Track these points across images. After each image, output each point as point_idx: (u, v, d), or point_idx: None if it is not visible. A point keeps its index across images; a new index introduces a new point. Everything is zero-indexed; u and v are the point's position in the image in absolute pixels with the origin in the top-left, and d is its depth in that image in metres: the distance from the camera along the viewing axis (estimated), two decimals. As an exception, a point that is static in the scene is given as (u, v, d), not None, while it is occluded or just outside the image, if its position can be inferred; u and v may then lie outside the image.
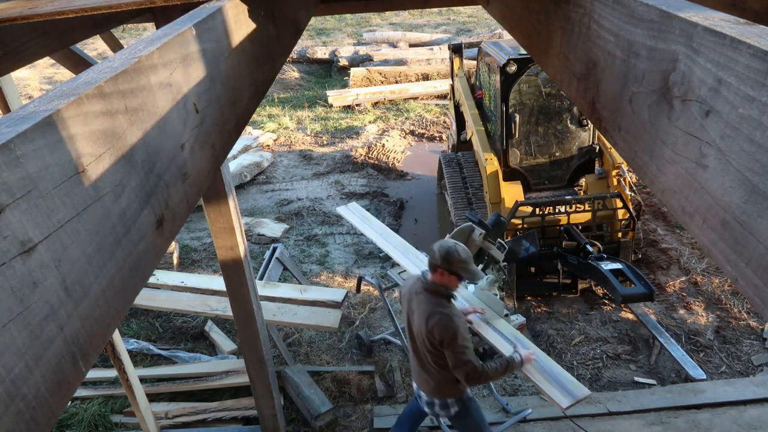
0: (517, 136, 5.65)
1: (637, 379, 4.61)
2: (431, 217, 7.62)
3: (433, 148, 9.75)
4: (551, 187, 6.04)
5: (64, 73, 13.77)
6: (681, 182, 0.87)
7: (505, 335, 3.40)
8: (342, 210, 5.05)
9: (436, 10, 18.62)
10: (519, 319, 3.69)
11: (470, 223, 3.79)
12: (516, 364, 3.04)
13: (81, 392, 4.54)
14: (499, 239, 3.83)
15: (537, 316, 5.37)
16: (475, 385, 3.02)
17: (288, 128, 10.67)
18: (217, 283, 4.62)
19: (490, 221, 3.74)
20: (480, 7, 2.90)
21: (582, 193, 5.92)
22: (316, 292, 4.57)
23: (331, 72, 14.22)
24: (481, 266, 3.87)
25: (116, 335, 3.37)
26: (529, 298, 5.57)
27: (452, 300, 3.01)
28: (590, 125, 5.77)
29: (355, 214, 4.91)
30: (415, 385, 3.33)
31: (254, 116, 8.30)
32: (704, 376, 4.53)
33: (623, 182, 5.58)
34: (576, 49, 1.35)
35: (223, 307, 4.39)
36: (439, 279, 2.91)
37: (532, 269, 5.56)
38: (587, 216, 5.36)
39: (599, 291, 5.57)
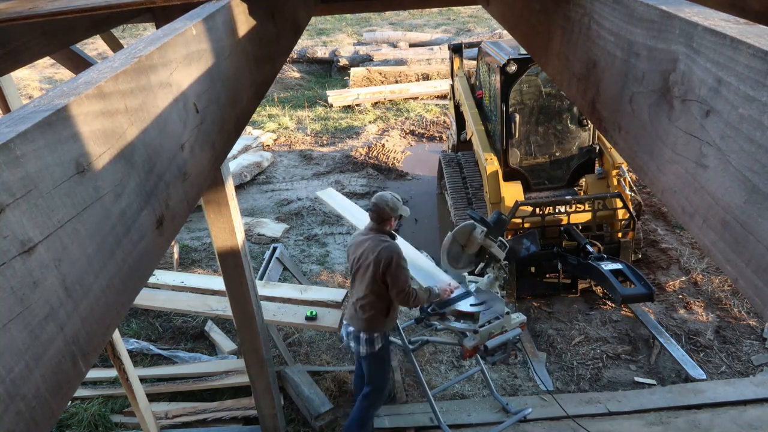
0: (517, 136, 5.64)
1: (637, 379, 4.61)
2: (431, 217, 7.62)
3: (433, 148, 9.75)
4: (551, 187, 6.03)
5: (64, 73, 13.77)
6: (681, 182, 0.87)
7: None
8: (321, 194, 5.21)
9: (436, 10, 18.63)
10: (520, 317, 3.69)
11: (472, 221, 3.80)
12: (434, 293, 3.64)
13: (81, 392, 4.54)
14: (500, 237, 3.84)
15: (537, 316, 5.37)
16: (408, 305, 3.57)
17: (288, 128, 10.67)
18: (217, 283, 4.62)
19: (491, 219, 3.75)
20: (480, 7, 2.90)
21: (582, 193, 5.92)
22: (316, 292, 4.57)
23: (331, 72, 14.22)
24: (482, 265, 3.88)
25: (116, 335, 3.37)
26: (529, 298, 5.57)
27: (395, 238, 3.68)
28: (590, 125, 5.77)
29: (334, 199, 5.06)
30: (345, 322, 3.81)
31: (254, 116, 8.30)
32: (704, 376, 4.53)
33: (623, 182, 5.58)
34: (576, 49, 1.35)
35: (223, 307, 4.39)
36: (386, 226, 3.57)
37: (532, 269, 5.56)
38: (587, 216, 5.36)
39: (599, 291, 5.57)
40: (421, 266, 4.20)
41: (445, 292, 3.72)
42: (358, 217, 4.98)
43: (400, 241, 4.07)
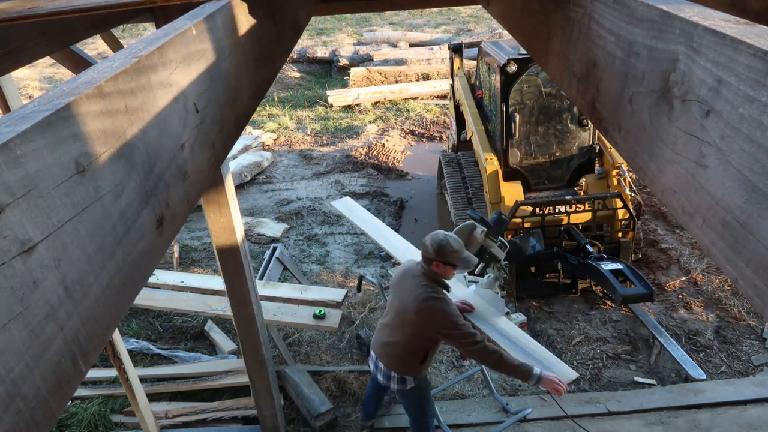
0: (517, 135, 5.65)
1: (637, 379, 4.61)
2: (431, 217, 7.62)
3: (433, 148, 9.75)
4: (551, 187, 6.04)
5: (64, 73, 13.77)
6: (681, 182, 0.87)
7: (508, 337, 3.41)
8: (337, 204, 5.05)
9: (436, 10, 18.63)
10: (520, 317, 3.69)
11: (472, 221, 3.79)
12: (533, 375, 2.96)
13: (81, 392, 4.54)
14: (500, 238, 3.84)
15: (537, 316, 5.37)
16: (484, 360, 3.05)
17: (288, 128, 10.67)
18: (217, 282, 4.62)
19: (492, 219, 3.75)
20: (480, 7, 2.90)
21: (582, 193, 5.92)
22: (316, 292, 4.57)
23: (331, 72, 14.22)
24: (482, 265, 3.87)
25: (116, 335, 3.37)
26: (529, 298, 5.57)
27: (448, 290, 3.15)
28: (590, 125, 5.77)
29: (351, 211, 4.88)
30: (373, 355, 3.42)
31: (254, 116, 8.30)
32: (704, 376, 4.53)
33: (623, 182, 5.58)
34: (576, 49, 1.35)
35: (223, 306, 4.39)
36: (435, 269, 3.06)
37: (532, 269, 5.56)
38: (587, 216, 5.36)
39: (599, 291, 5.57)
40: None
41: (548, 384, 2.97)
42: (384, 234, 4.53)
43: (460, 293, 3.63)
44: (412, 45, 15.04)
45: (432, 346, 3.19)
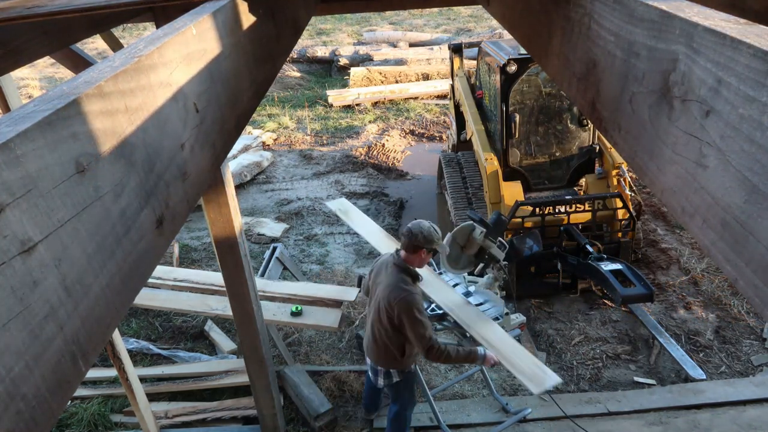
0: (517, 135, 5.65)
1: (637, 379, 4.61)
2: (431, 217, 7.60)
3: (433, 148, 9.74)
4: (551, 187, 6.04)
5: (64, 73, 13.77)
6: (681, 182, 0.87)
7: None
8: (331, 205, 5.04)
9: (436, 10, 18.63)
10: (519, 318, 3.69)
11: (471, 222, 3.79)
12: (478, 356, 3.26)
13: (81, 392, 4.54)
14: (499, 238, 3.83)
15: (537, 316, 5.37)
16: (435, 361, 3.24)
17: (288, 128, 10.67)
18: (218, 278, 4.61)
19: (491, 220, 3.74)
20: (480, 7, 2.90)
21: (582, 193, 5.92)
22: (317, 290, 4.57)
23: (331, 72, 14.22)
24: (481, 265, 3.87)
25: (116, 335, 3.37)
26: (529, 298, 5.57)
27: (418, 279, 3.25)
28: (590, 125, 5.77)
29: (345, 213, 4.86)
30: (365, 350, 3.55)
31: (254, 115, 8.30)
32: (704, 376, 4.53)
33: (623, 182, 5.58)
34: (576, 49, 1.35)
35: (223, 306, 4.39)
36: (415, 259, 3.18)
37: (532, 269, 5.56)
38: (587, 216, 5.36)
39: (599, 291, 5.57)
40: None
41: (489, 362, 3.29)
42: (378, 238, 4.53)
43: (427, 279, 3.74)
44: (412, 45, 15.03)
45: (406, 337, 3.24)
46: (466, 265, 3.87)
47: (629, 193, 5.60)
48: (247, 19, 1.56)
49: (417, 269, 3.25)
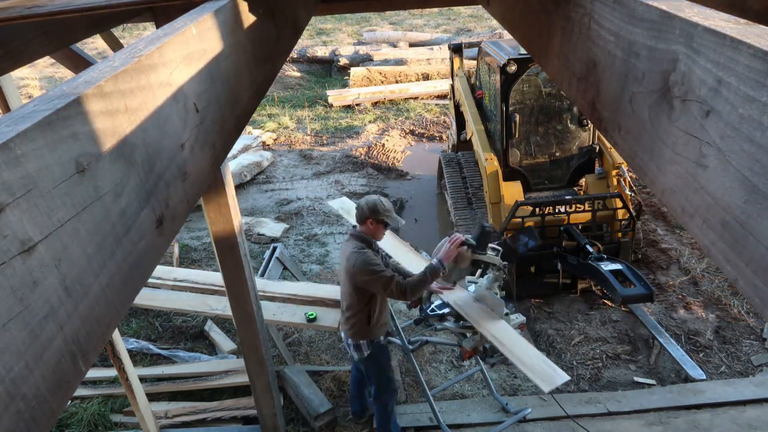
0: (517, 135, 5.65)
1: (636, 379, 4.61)
2: (431, 217, 7.63)
3: (433, 148, 9.75)
4: (551, 187, 6.04)
5: (64, 73, 13.77)
6: (681, 182, 0.87)
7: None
8: (333, 203, 5.04)
9: (436, 10, 18.63)
10: (519, 318, 3.68)
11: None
12: (436, 268, 3.37)
13: (81, 392, 4.54)
14: (491, 244, 3.77)
15: (537, 316, 5.37)
16: (407, 298, 3.40)
17: (288, 128, 10.67)
18: (218, 278, 4.61)
19: (474, 236, 3.66)
20: (480, 7, 2.90)
21: (582, 193, 5.92)
22: (317, 290, 4.57)
23: (331, 71, 14.22)
24: (480, 270, 3.86)
25: (116, 334, 3.37)
26: (529, 298, 5.57)
27: (372, 245, 3.48)
28: (590, 125, 5.77)
29: (348, 212, 4.84)
30: (341, 329, 3.75)
31: (254, 115, 8.30)
32: (704, 376, 4.53)
33: (623, 182, 5.58)
34: (576, 49, 1.35)
35: (222, 306, 4.39)
36: (367, 229, 3.44)
37: (532, 269, 5.56)
38: (587, 216, 5.35)
39: (599, 291, 5.57)
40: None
41: (448, 256, 3.40)
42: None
43: (388, 242, 3.92)
44: (412, 45, 15.04)
45: (369, 302, 3.44)
46: (460, 276, 3.84)
47: (629, 193, 5.60)
48: (247, 19, 1.56)
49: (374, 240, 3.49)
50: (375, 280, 3.30)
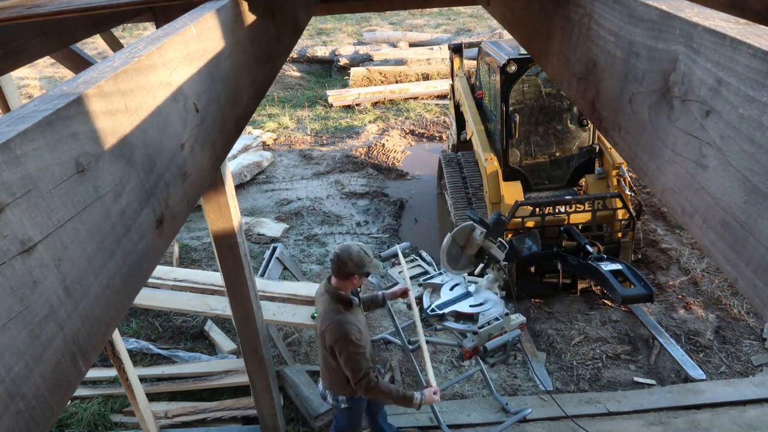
0: (517, 135, 5.65)
1: (636, 379, 4.61)
2: (431, 217, 7.62)
3: (433, 148, 9.75)
4: (551, 187, 6.04)
5: (64, 73, 13.77)
6: (681, 182, 0.87)
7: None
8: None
9: (436, 10, 18.62)
10: (519, 318, 3.69)
11: (471, 222, 3.79)
12: (415, 403, 3.05)
13: (81, 392, 4.54)
14: (499, 238, 3.83)
15: (537, 316, 5.37)
16: (366, 394, 3.05)
17: (288, 128, 10.68)
18: (218, 278, 4.61)
19: (491, 220, 3.74)
20: (480, 7, 2.90)
21: (582, 193, 5.92)
22: (317, 289, 4.56)
23: (331, 72, 14.22)
24: (481, 266, 3.87)
25: (116, 335, 3.37)
26: (529, 298, 5.57)
27: (351, 305, 3.04)
28: (590, 125, 5.77)
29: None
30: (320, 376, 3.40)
31: (254, 115, 8.30)
32: (704, 377, 4.53)
33: (623, 182, 5.58)
34: (576, 49, 1.35)
35: (222, 306, 4.39)
36: (347, 284, 3.02)
37: (532, 269, 5.56)
38: (587, 216, 5.35)
39: (599, 291, 5.57)
40: None
41: (429, 401, 3.12)
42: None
43: None
44: (412, 45, 15.04)
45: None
46: (466, 265, 3.87)
47: (629, 193, 5.60)
48: (247, 19, 1.55)
49: (350, 295, 3.07)
50: (349, 361, 2.94)
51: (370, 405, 3.60)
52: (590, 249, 5.11)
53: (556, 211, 5.29)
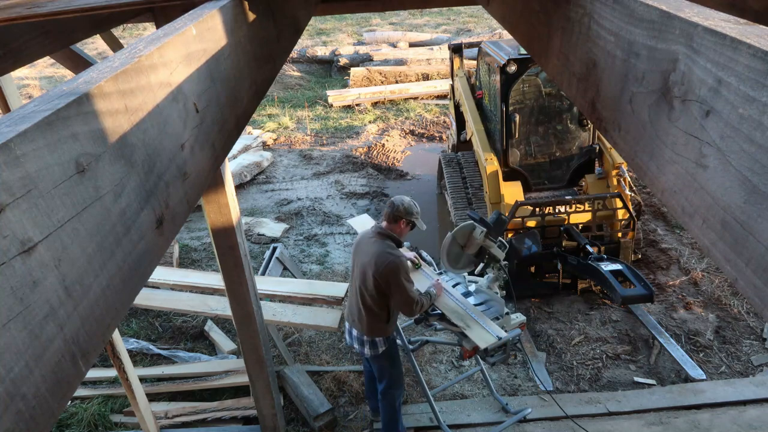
0: (517, 136, 5.65)
1: (636, 379, 4.61)
2: (431, 217, 7.62)
3: (433, 148, 9.75)
4: (551, 187, 6.04)
5: (64, 73, 13.77)
6: (681, 182, 0.87)
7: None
8: (353, 222, 4.90)
9: (436, 10, 18.63)
10: (519, 317, 3.69)
11: (471, 221, 3.79)
12: (432, 295, 3.56)
13: (81, 392, 4.55)
14: (500, 238, 3.83)
15: (537, 316, 5.37)
16: (412, 315, 3.49)
17: (288, 128, 10.68)
18: (218, 278, 4.61)
19: (491, 219, 3.74)
20: (480, 7, 2.90)
21: (582, 193, 5.92)
22: (319, 288, 4.57)
23: (331, 72, 14.23)
24: (482, 265, 3.87)
25: (116, 335, 3.37)
26: (529, 298, 5.57)
27: (400, 246, 3.53)
28: (590, 125, 5.77)
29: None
30: (347, 324, 3.75)
31: (254, 115, 8.30)
32: (704, 376, 4.53)
33: (623, 182, 5.58)
34: (576, 49, 1.35)
35: (222, 306, 4.39)
36: (396, 228, 3.49)
37: (532, 269, 5.56)
38: (587, 216, 5.35)
39: (599, 291, 5.57)
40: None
41: (438, 290, 3.65)
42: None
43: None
44: (412, 45, 15.04)
45: (391, 302, 3.45)
46: (466, 264, 3.87)
47: (629, 193, 5.60)
48: (247, 19, 1.55)
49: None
50: (402, 291, 3.32)
51: (373, 373, 3.91)
52: (590, 249, 5.11)
53: (556, 211, 5.29)
